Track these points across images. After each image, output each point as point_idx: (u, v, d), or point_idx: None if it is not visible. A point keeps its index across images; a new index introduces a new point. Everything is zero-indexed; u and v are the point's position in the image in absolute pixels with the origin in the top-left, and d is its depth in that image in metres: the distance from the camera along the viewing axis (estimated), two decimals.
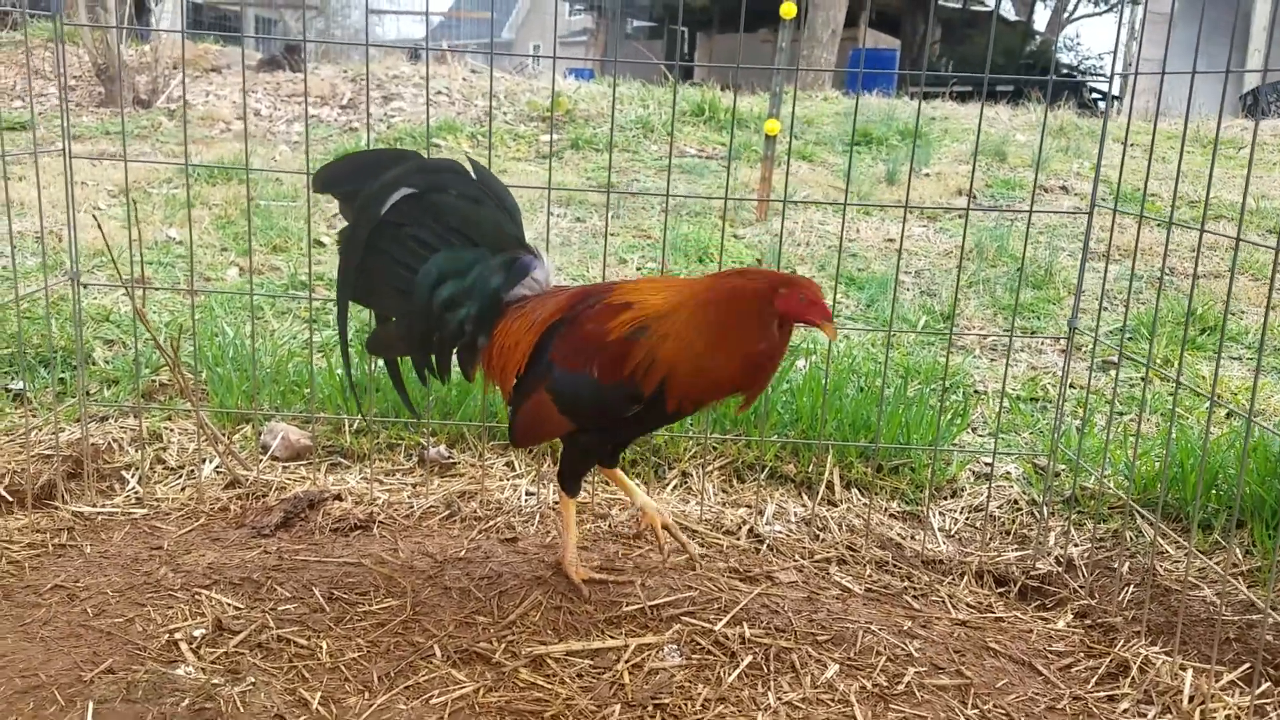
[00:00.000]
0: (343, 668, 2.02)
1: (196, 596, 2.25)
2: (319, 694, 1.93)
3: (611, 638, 2.19)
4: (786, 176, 2.98)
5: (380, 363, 3.54)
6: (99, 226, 3.01)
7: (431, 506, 2.78)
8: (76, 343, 3.01)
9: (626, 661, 2.10)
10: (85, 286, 4.61)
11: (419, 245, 2.22)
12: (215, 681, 1.94)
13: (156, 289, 4.58)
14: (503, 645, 2.12)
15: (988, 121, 9.39)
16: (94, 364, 3.77)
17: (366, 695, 1.94)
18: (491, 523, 2.72)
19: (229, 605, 2.22)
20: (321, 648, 2.08)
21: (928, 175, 7.47)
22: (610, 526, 2.78)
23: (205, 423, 2.96)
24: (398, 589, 2.31)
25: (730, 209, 6.55)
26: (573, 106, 9.13)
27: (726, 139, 8.57)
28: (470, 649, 2.10)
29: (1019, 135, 8.60)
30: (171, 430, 3.23)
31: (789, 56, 6.09)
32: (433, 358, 2.30)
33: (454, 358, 2.32)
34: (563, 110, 8.97)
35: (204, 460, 3.01)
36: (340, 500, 2.77)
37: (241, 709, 1.87)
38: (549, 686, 2.00)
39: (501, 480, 2.98)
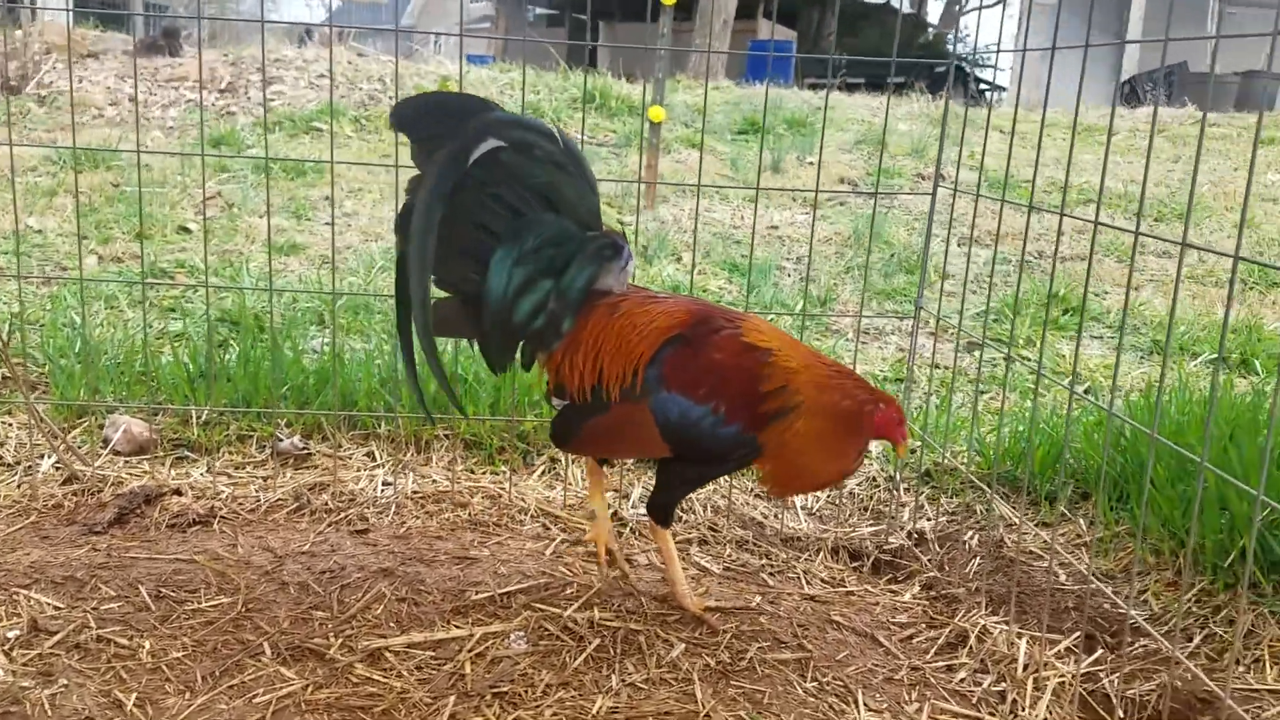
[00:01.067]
0: (164, 668, 1.93)
1: (14, 596, 2.13)
2: (135, 695, 1.84)
3: (457, 628, 2.14)
4: (647, 161, 2.96)
5: (234, 354, 3.44)
6: None
7: (280, 499, 2.69)
8: None
9: (470, 651, 2.06)
10: None
11: (500, 206, 1.97)
12: (24, 684, 1.84)
13: None
14: (339, 640, 2.06)
15: (871, 111, 9.54)
16: None
17: (187, 695, 1.86)
18: (343, 515, 2.64)
19: (48, 605, 2.11)
20: (143, 648, 1.99)
21: (811, 163, 7.55)
22: (470, 515, 2.73)
23: (39, 416, 2.82)
24: (230, 585, 2.23)
25: (618, 196, 6.52)
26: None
27: (617, 125, 8.54)
28: (303, 645, 2.03)
29: (901, 125, 8.75)
30: (10, 424, 3.07)
31: (670, 43, 6.08)
32: (499, 340, 2.06)
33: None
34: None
35: (41, 456, 2.86)
36: (180, 495, 2.66)
37: (50, 711, 1.78)
38: (384, 681, 1.95)
39: (358, 471, 2.90)
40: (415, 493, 2.80)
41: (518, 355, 2.12)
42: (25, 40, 10.28)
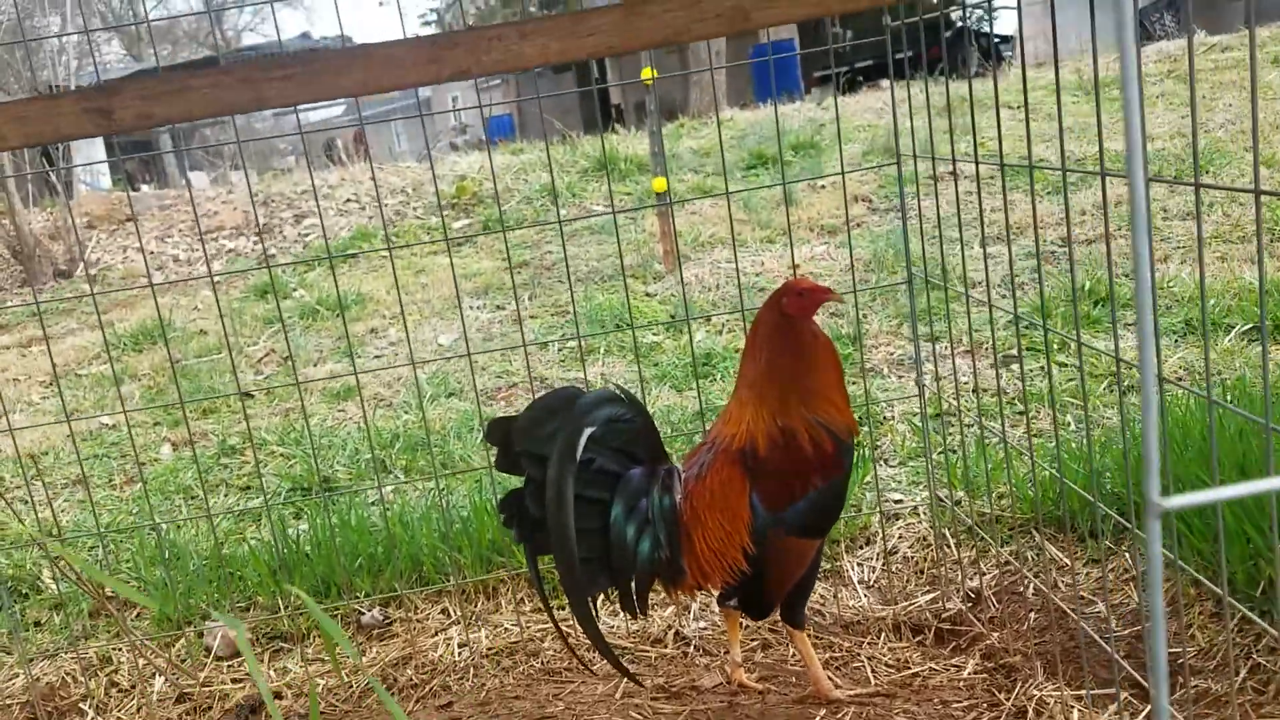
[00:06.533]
0: None
1: None
2: None
3: None
4: (661, 229, 3.10)
5: (307, 529, 3.66)
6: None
7: (369, 683, 2.88)
8: None
9: None
10: None
11: (604, 477, 2.26)
12: None
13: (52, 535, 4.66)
14: None
15: (875, 114, 9.57)
16: (40, 589, 3.85)
17: None
18: (427, 688, 2.82)
19: None
20: None
21: (824, 188, 7.62)
22: (543, 663, 2.89)
23: (141, 647, 3.06)
24: None
25: (639, 265, 6.68)
26: (478, 188, 9.27)
27: (631, 188, 8.73)
28: None
29: (905, 122, 8.74)
30: (120, 650, 3.32)
31: (660, 117, 6.25)
32: (640, 584, 2.36)
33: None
34: (469, 194, 9.10)
35: (152, 675, 3.10)
36: (280, 699, 2.87)
37: None
38: None
39: (434, 636, 3.08)
40: (490, 649, 2.97)
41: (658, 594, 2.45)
42: (66, 218, 10.84)
